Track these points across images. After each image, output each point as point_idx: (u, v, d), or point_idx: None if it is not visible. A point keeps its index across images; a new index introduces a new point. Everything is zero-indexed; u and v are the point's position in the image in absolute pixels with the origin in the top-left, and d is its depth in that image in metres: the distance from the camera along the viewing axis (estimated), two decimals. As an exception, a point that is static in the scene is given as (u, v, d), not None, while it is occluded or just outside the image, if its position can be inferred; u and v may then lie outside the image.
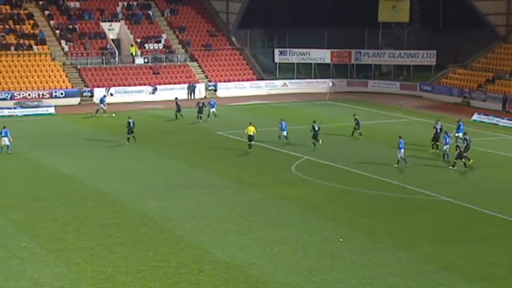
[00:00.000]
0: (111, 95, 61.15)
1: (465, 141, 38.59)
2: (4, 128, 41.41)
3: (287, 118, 47.02)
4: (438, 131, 41.74)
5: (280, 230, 27.46)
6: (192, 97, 63.23)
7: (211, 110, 51.94)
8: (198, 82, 65.42)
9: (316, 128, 42.61)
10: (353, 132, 45.58)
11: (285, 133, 43.85)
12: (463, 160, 37.15)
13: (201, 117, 51.21)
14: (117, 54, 66.49)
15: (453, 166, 37.26)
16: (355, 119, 45.70)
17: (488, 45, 66.48)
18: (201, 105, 51.63)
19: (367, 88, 68.95)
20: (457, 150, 37.28)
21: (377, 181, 35.04)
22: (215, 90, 65.40)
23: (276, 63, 71.05)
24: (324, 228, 27.77)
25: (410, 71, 70.46)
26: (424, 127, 49.18)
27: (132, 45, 67.31)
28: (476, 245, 25.92)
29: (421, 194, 32.63)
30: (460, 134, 41.46)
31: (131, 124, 43.54)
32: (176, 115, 52.31)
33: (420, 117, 54.10)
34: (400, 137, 37.65)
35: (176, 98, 54.34)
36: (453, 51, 72.02)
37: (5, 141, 40.88)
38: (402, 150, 37.24)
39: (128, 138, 43.37)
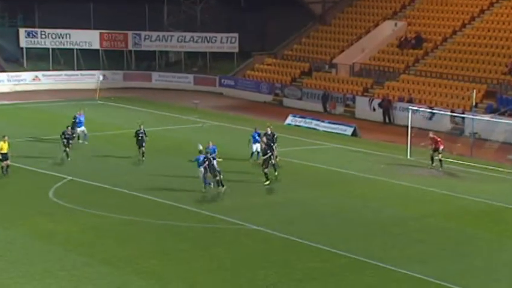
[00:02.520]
0: None
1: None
2: None
3: (42, 124, 45.99)
4: (270, 137, 43.12)
5: (34, 280, 26.81)
6: None
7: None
8: None
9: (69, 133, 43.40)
10: (142, 153, 44.19)
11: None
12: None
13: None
14: None
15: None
16: (139, 133, 44.17)
17: (303, 28, 69.79)
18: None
19: (151, 83, 69.77)
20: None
21: (168, 208, 35.30)
22: None
23: (22, 49, 69.80)
24: (97, 274, 27.49)
25: (206, 60, 72.13)
26: (228, 134, 50.48)
27: None
28: (294, 286, 26.93)
29: (226, 223, 33.33)
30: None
31: None
32: None
33: (222, 121, 55.39)
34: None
35: None
36: (260, 35, 74.84)
37: None
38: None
39: None
